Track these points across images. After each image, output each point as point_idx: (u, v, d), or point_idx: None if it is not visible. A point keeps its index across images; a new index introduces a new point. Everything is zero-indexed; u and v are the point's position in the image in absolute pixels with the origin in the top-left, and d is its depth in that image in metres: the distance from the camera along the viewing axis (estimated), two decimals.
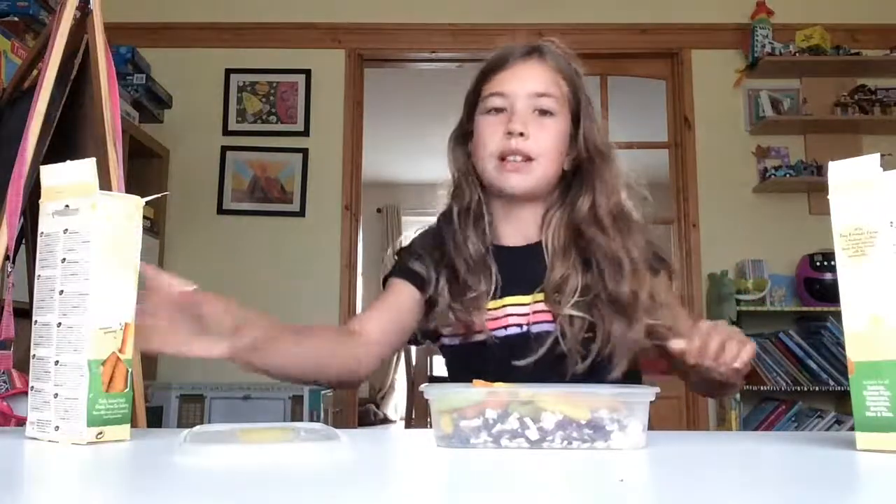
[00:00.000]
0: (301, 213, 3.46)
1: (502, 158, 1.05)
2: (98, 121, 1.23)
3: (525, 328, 1.05)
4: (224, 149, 3.50)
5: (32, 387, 0.67)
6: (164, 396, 2.98)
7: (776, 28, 3.40)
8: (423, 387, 0.68)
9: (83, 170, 0.71)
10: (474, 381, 0.74)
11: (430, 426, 0.67)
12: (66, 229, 0.70)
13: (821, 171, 3.22)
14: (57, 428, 0.67)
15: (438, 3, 3.58)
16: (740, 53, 3.49)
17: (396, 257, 1.16)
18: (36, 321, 0.67)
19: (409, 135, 5.99)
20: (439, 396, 0.66)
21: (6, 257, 1.11)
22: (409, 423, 4.62)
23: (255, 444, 0.62)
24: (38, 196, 0.71)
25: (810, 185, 3.28)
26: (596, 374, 0.99)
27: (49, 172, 0.72)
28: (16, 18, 2.41)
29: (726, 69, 3.48)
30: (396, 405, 6.77)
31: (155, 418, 2.86)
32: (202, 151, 3.48)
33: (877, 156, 0.62)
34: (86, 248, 0.68)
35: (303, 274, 3.41)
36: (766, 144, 3.43)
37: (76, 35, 1.28)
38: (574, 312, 1.01)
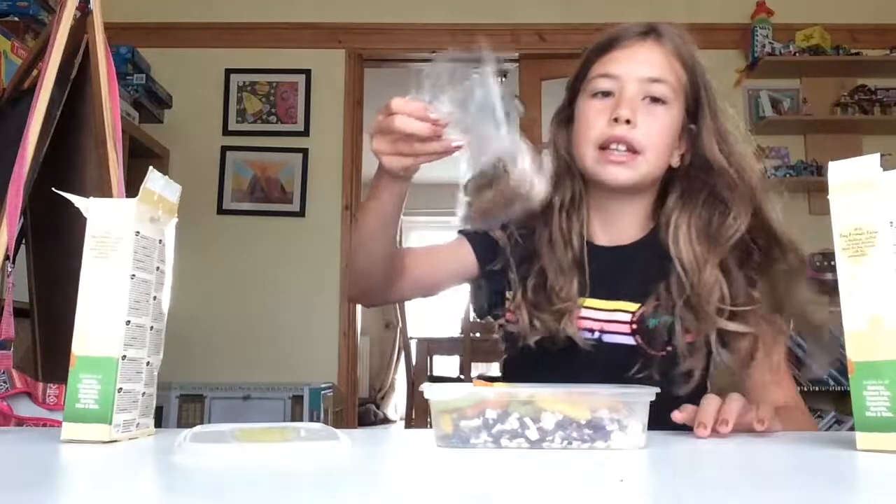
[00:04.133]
0: (301, 213, 3.46)
1: (604, 147, 0.96)
2: (98, 121, 1.23)
3: (597, 335, 0.98)
4: (224, 149, 3.50)
5: (121, 388, 0.68)
6: (163, 396, 2.98)
7: (776, 28, 3.40)
8: (423, 386, 0.67)
9: (174, 189, 0.77)
10: (474, 381, 0.74)
11: (431, 426, 0.67)
12: (161, 240, 0.74)
13: (821, 171, 3.22)
14: (138, 425, 0.71)
15: (438, 3, 3.58)
16: (740, 53, 3.49)
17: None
18: (129, 322, 0.69)
19: None
20: (439, 396, 0.66)
21: (6, 257, 1.11)
22: (410, 423, 4.62)
23: (255, 444, 0.62)
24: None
25: (810, 185, 3.28)
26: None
27: (153, 178, 0.74)
28: (16, 18, 2.41)
29: (726, 69, 3.48)
30: (396, 405, 6.77)
31: (155, 418, 2.86)
32: (202, 151, 3.49)
33: (877, 156, 0.62)
34: (168, 263, 0.76)
35: (303, 274, 3.41)
36: (766, 144, 3.43)
37: (76, 35, 1.28)
38: (734, 327, 0.94)
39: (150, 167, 0.74)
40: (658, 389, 0.65)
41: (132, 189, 0.75)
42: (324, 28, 3.56)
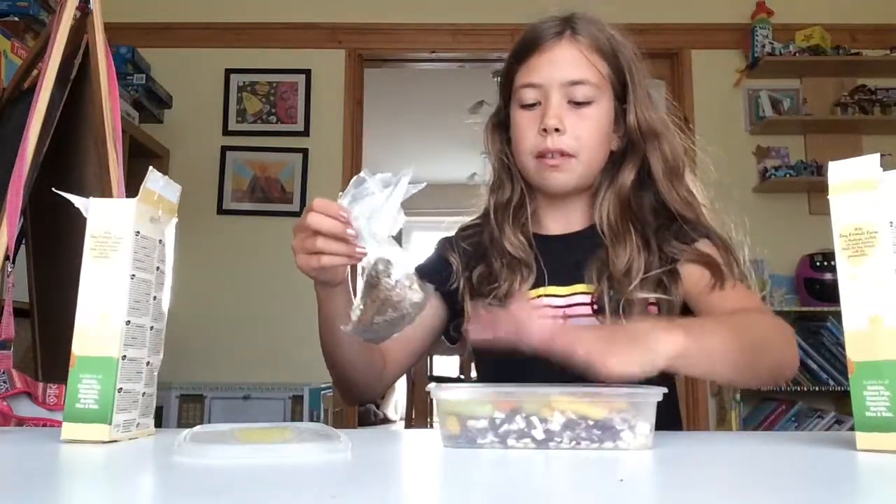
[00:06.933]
0: (301, 213, 3.45)
1: (541, 156, 0.99)
2: (98, 121, 1.23)
3: (560, 322, 0.98)
4: (224, 149, 3.50)
5: (121, 388, 0.68)
6: (163, 396, 2.98)
7: (776, 28, 3.40)
8: (429, 387, 0.67)
9: (174, 189, 0.77)
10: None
11: (430, 426, 0.67)
12: (161, 240, 0.74)
13: (821, 171, 3.22)
14: (138, 425, 0.72)
15: (438, 3, 3.58)
16: (740, 53, 3.49)
17: (436, 246, 1.12)
18: (129, 322, 0.69)
19: (409, 135, 5.99)
20: (446, 397, 0.66)
21: (6, 257, 1.11)
22: (409, 423, 4.62)
23: (255, 444, 0.62)
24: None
25: (810, 185, 3.28)
26: None
27: (153, 178, 0.74)
28: (16, 18, 2.41)
29: (726, 69, 3.48)
30: (396, 405, 6.77)
31: (155, 418, 2.86)
32: (202, 151, 3.48)
33: (877, 156, 0.62)
34: (168, 263, 0.76)
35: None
36: (766, 144, 3.43)
37: (76, 35, 1.28)
38: (647, 294, 0.94)
39: (150, 167, 0.75)
40: (665, 389, 0.65)
41: (132, 189, 0.76)
42: (324, 28, 3.56)
